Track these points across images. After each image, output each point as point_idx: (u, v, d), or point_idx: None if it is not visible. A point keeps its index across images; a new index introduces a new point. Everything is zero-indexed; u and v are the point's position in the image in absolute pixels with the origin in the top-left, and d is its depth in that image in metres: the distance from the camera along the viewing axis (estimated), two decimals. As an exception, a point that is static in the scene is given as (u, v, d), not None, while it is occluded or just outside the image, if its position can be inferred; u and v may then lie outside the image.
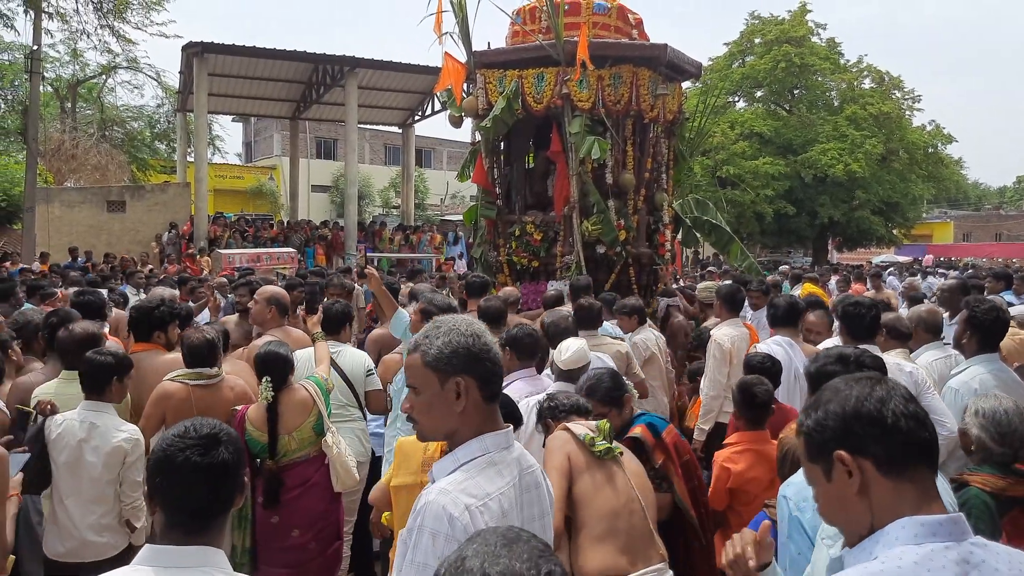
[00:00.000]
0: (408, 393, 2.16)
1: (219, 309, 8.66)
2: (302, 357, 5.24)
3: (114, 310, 7.49)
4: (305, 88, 27.87)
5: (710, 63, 36.00)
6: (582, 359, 4.58)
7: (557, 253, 9.35)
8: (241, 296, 7.04)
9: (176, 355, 4.88)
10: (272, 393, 4.31)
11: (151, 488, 2.00)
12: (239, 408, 4.41)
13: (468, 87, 10.97)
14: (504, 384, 4.70)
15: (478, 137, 10.01)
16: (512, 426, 2.21)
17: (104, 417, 3.97)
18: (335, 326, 5.51)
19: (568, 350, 4.60)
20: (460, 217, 25.09)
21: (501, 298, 6.52)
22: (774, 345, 5.61)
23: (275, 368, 4.35)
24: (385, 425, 5.33)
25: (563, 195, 9.29)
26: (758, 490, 4.22)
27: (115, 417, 4.02)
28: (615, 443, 3.49)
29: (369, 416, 5.54)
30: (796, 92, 35.66)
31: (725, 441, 4.52)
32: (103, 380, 4.00)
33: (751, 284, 8.48)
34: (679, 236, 12.24)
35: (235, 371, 5.00)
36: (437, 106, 28.44)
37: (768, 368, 4.83)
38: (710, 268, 17.95)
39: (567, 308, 6.64)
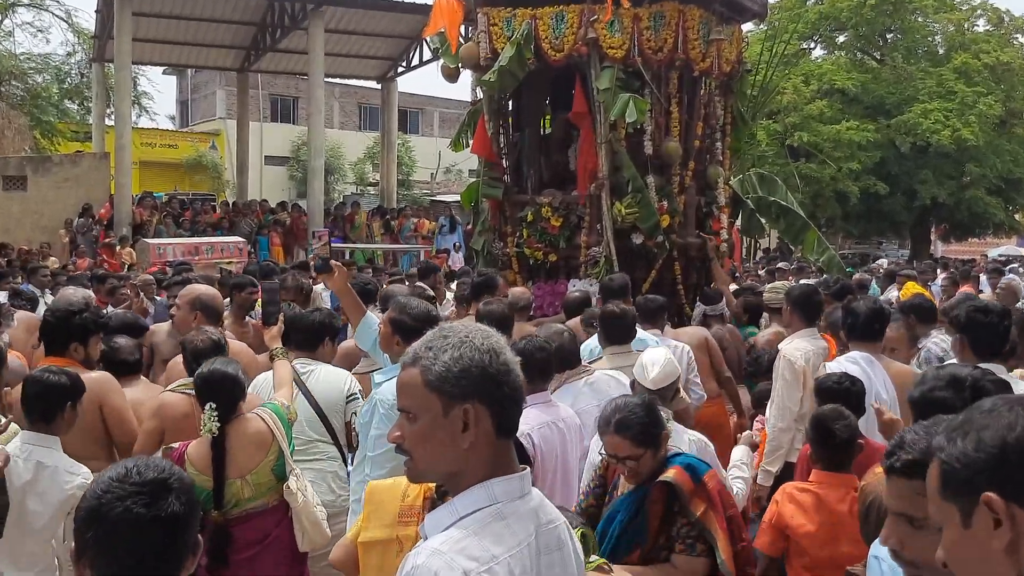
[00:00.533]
0: (399, 419, 2.15)
1: (146, 315, 8.69)
2: (260, 383, 5.26)
3: (15, 315, 7.52)
4: (257, 32, 28.02)
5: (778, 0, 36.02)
6: (672, 373, 4.79)
7: (581, 244, 9.36)
8: (175, 298, 7.06)
9: (101, 375, 4.88)
10: (217, 425, 4.28)
11: (79, 546, 1.96)
12: (176, 445, 4.40)
13: (467, 30, 10.98)
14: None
15: (479, 95, 10.00)
16: (528, 468, 2.20)
17: (54, 455, 3.99)
18: (311, 341, 5.51)
19: (655, 364, 4.74)
20: (456, 198, 25.16)
21: (506, 301, 6.53)
22: (849, 363, 5.62)
23: (221, 392, 4.32)
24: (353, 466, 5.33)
25: (589, 169, 9.31)
26: (812, 546, 4.24)
27: (65, 455, 4.03)
28: (601, 559, 3.46)
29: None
30: (889, 36, 35.63)
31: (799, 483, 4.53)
32: (54, 406, 4.03)
33: (827, 283, 8.50)
34: (738, 222, 12.26)
35: (151, 397, 5.02)
36: (427, 55, 28.53)
37: (847, 392, 4.83)
38: (780, 264, 17.93)
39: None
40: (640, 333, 6.51)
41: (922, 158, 32.44)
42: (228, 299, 7.55)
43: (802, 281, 9.54)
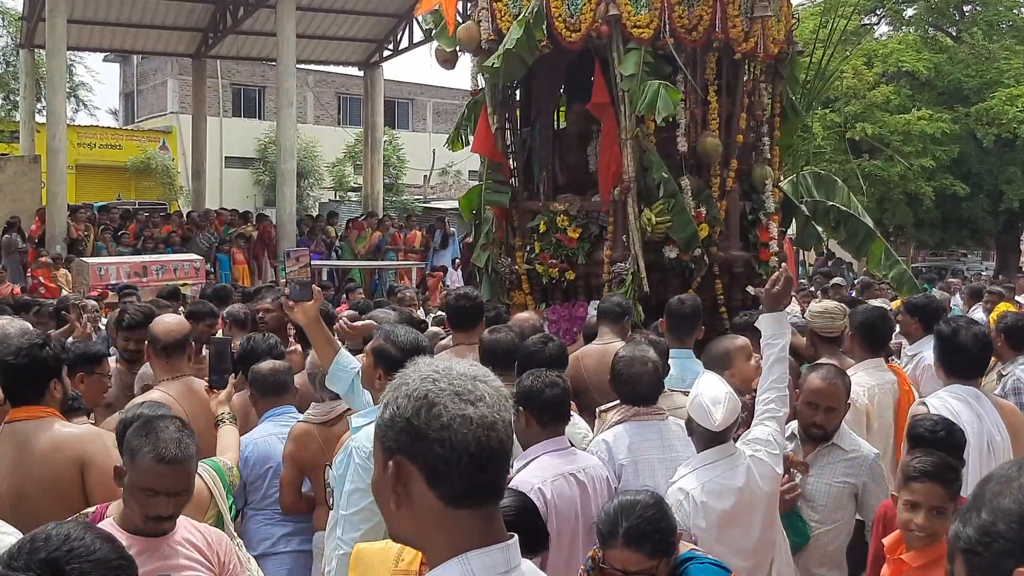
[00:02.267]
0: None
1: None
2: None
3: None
4: (216, 10, 28.20)
5: (835, -34, 36.07)
6: (737, 407, 4.83)
7: (604, 259, 9.35)
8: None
9: (89, 430, 4.83)
10: None
11: None
12: (93, 509, 4.38)
13: (465, 7, 11.02)
14: (523, 463, 4.80)
15: (481, 83, 10.02)
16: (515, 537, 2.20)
17: None
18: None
19: (718, 403, 4.76)
20: (454, 204, 25.17)
21: (515, 329, 6.54)
22: (955, 401, 5.58)
23: None
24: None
25: (612, 171, 9.31)
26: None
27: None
28: None
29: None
30: (967, 9, 35.67)
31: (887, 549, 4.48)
32: None
33: (910, 302, 8.49)
34: (791, 231, 12.24)
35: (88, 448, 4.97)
36: (418, 35, 28.66)
37: (943, 442, 4.76)
38: (836, 280, 17.95)
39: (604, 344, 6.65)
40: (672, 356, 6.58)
41: (1008, 153, 32.42)
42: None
43: (867, 304, 9.51)
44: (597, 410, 5.90)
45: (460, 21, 10.13)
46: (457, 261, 24.52)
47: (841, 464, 5.34)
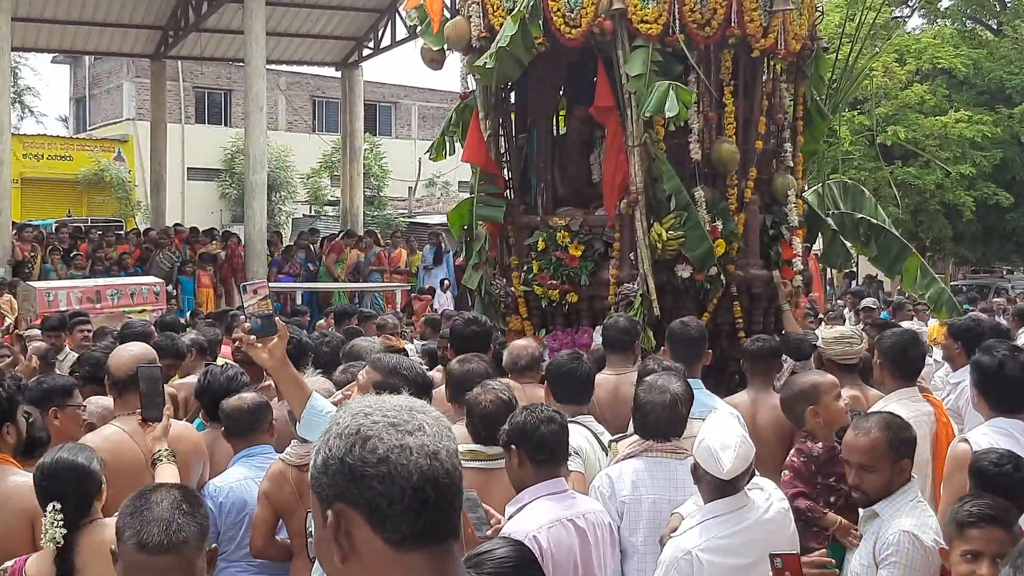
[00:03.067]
0: None
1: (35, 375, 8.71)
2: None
3: None
4: (177, 6, 28.22)
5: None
6: (749, 454, 4.80)
7: (609, 280, 9.36)
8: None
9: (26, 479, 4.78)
10: (63, 532, 4.24)
11: None
12: (11, 563, 4.35)
13: (454, 1, 11.05)
14: (516, 507, 4.80)
15: (472, 85, 10.04)
16: None
17: None
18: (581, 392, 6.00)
19: (727, 448, 4.73)
20: (442, 219, 25.20)
21: (486, 360, 6.51)
22: (997, 436, 5.57)
23: (67, 488, 4.32)
24: None
25: (617, 181, 9.32)
26: None
27: None
28: None
29: None
30: (1008, 1, 35.77)
31: None
32: None
33: (954, 325, 8.49)
34: (816, 247, 12.24)
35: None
36: (401, 32, 28.72)
37: (1011, 476, 4.77)
38: (867, 301, 17.95)
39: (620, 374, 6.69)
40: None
41: (1058, 158, 32.52)
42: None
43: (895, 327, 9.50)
44: (607, 440, 5.95)
45: (448, 16, 10.15)
46: (447, 282, 24.52)
47: (873, 538, 4.94)
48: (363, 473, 2.09)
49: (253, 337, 4.95)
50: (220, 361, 8.47)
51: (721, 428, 4.85)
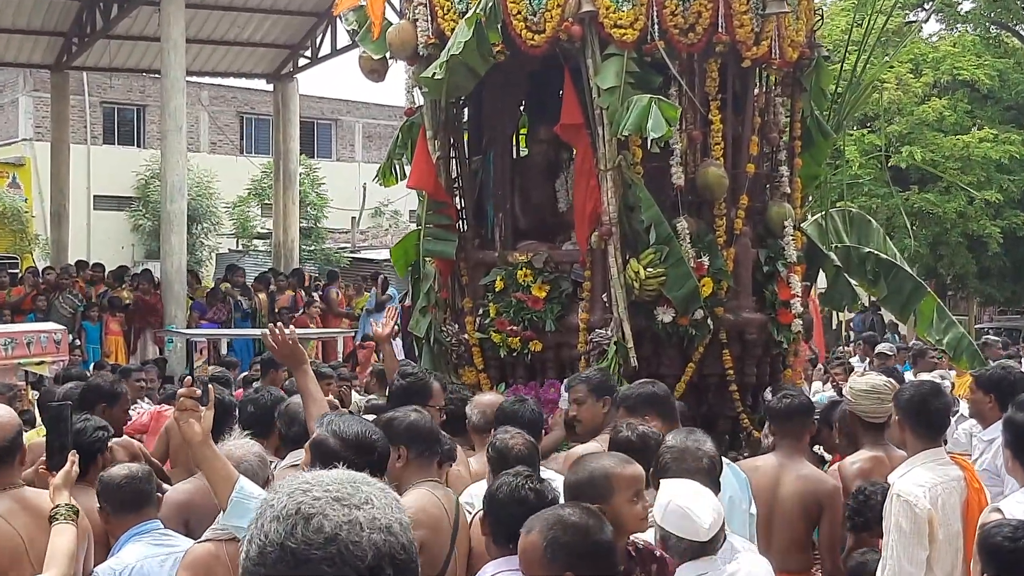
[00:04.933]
0: None
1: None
2: None
3: None
4: (82, 9, 28.11)
5: (871, -52, 36.47)
6: (721, 510, 4.97)
7: (579, 325, 9.35)
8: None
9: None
10: None
11: None
12: None
13: (399, 4, 11.03)
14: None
15: (419, 100, 10.02)
16: None
17: None
18: None
19: (704, 511, 4.84)
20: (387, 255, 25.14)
21: (434, 408, 6.58)
22: (1021, 511, 5.53)
23: None
24: None
25: (588, 211, 9.32)
26: None
27: None
28: None
29: None
30: (1038, 2, 36.14)
31: None
32: None
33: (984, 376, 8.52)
34: (817, 287, 12.25)
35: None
36: (343, 39, 28.72)
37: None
38: (882, 347, 17.98)
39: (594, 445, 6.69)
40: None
41: (1095, 184, 32.76)
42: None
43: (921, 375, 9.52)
44: None
45: (390, 21, 10.13)
46: (396, 327, 24.44)
47: None
48: (309, 557, 2.07)
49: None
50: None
51: (682, 486, 4.95)
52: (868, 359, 17.77)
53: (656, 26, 9.16)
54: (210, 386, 5.16)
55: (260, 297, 25.34)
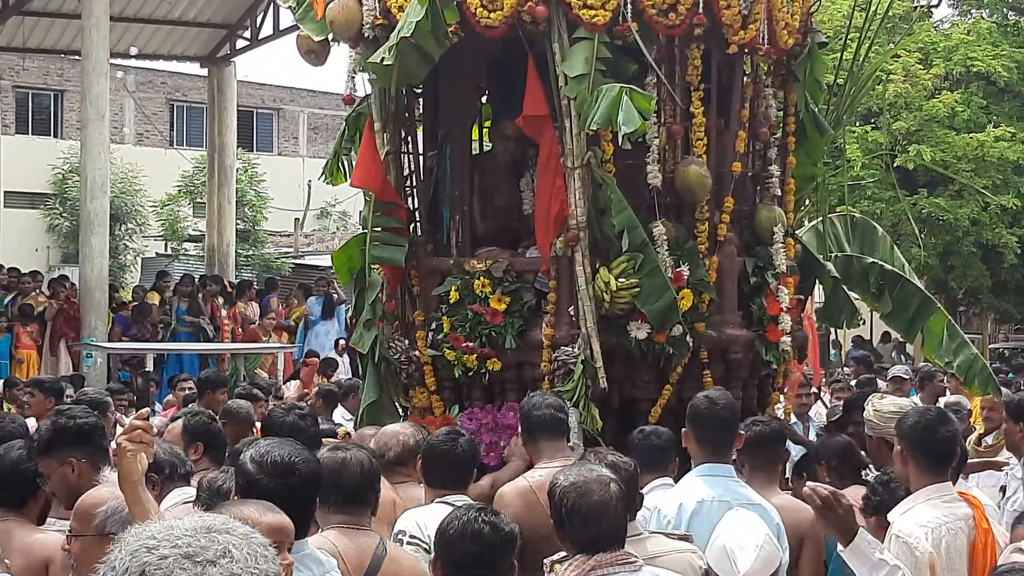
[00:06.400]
0: None
1: None
2: None
3: None
4: (-7, -18, 28.05)
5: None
6: (774, 559, 5.13)
7: (543, 341, 9.32)
8: None
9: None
10: None
11: None
12: None
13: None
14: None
15: (364, 88, 9.98)
16: None
17: None
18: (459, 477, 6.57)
19: (745, 549, 5.02)
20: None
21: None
22: None
23: None
24: None
25: (553, 214, 9.29)
26: None
27: None
28: None
29: None
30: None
31: None
32: None
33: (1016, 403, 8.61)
34: (813, 300, 12.24)
35: None
36: (287, 20, 28.68)
37: None
38: (897, 370, 17.97)
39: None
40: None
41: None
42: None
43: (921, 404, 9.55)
44: (545, 562, 5.92)
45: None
46: (343, 343, 24.38)
47: None
48: None
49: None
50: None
51: (740, 527, 5.14)
52: (860, 382, 17.71)
53: (630, 6, 9.11)
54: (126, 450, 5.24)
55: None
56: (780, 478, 7.96)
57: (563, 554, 5.71)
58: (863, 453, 8.59)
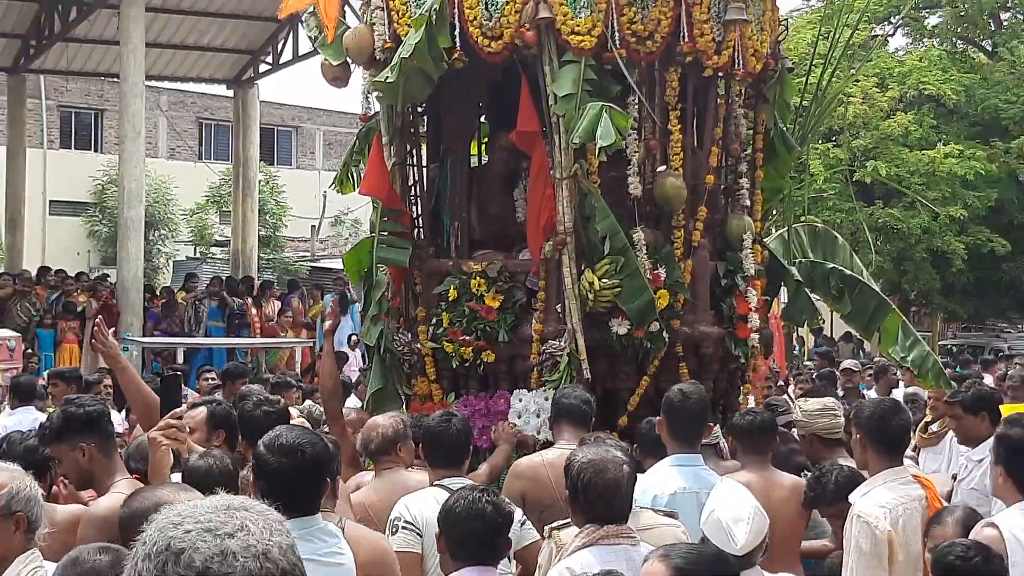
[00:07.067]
0: None
1: None
2: None
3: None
4: (40, 12, 27.96)
5: (838, -38, 36.61)
6: (763, 528, 5.16)
7: (532, 335, 9.30)
8: None
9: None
10: None
11: None
12: None
13: (357, 10, 10.98)
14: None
15: (376, 106, 9.96)
16: None
17: None
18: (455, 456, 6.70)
19: (740, 521, 5.05)
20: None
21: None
22: (1021, 529, 5.74)
23: None
24: None
25: (543, 220, 9.28)
26: None
27: None
28: None
29: None
30: (1005, 18, 36.37)
31: None
32: None
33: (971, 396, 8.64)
34: (779, 301, 12.23)
35: None
36: (305, 46, 28.63)
37: (980, 570, 4.92)
38: (847, 363, 17.96)
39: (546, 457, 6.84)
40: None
41: (1061, 200, 32.93)
42: None
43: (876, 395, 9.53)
44: (547, 528, 6.02)
45: (346, 24, 10.09)
46: (355, 337, 24.33)
47: None
48: None
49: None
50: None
51: (732, 499, 5.15)
52: (822, 375, 17.66)
53: (615, 33, 9.11)
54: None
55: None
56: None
57: (563, 521, 5.85)
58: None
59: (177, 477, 5.93)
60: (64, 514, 6.24)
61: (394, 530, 6.15)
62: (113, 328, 22.56)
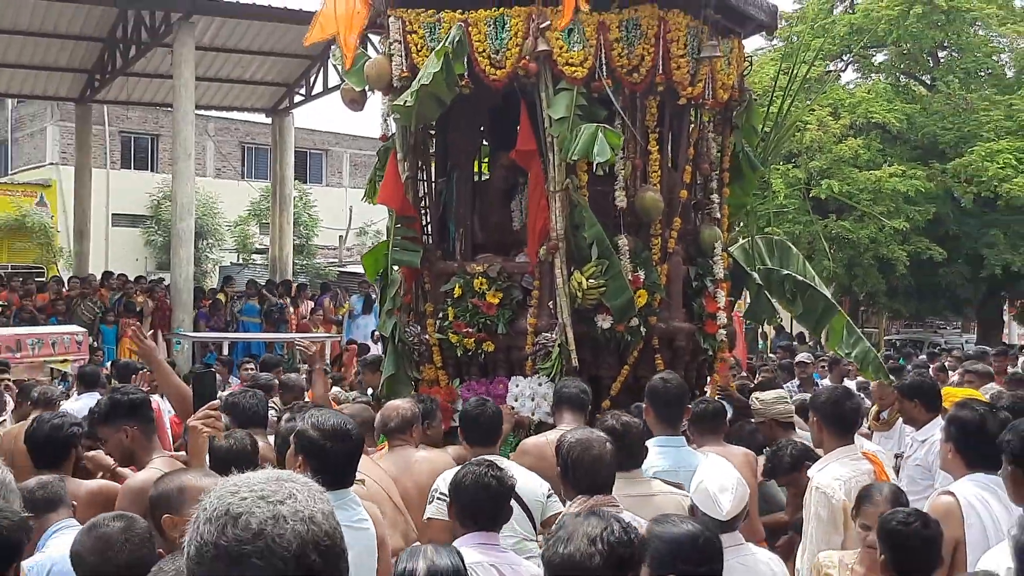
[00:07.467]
0: None
1: None
2: None
3: None
4: (104, 49, 27.97)
5: (797, 7, 36.53)
6: (745, 495, 5.21)
7: (527, 328, 9.30)
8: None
9: None
10: None
11: None
12: None
13: (377, 43, 10.95)
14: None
15: (392, 128, 9.94)
16: None
17: None
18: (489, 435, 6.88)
19: (725, 490, 5.10)
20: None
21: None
22: (982, 491, 5.72)
23: None
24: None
25: (539, 227, 9.27)
26: None
27: None
28: None
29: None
30: (942, 55, 36.34)
31: None
32: None
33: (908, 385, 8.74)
34: (742, 302, 12.21)
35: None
36: (334, 79, 28.62)
37: (918, 536, 4.90)
38: (802, 356, 17.88)
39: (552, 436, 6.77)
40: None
41: (989, 214, 32.89)
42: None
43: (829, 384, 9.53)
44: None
45: (365, 54, 10.08)
46: (377, 334, 24.35)
47: None
48: (240, 552, 2.14)
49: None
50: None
51: (717, 471, 5.19)
52: (783, 365, 17.61)
53: (604, 66, 9.19)
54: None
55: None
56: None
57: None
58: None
59: None
60: (88, 488, 6.39)
61: (431, 500, 6.16)
62: (165, 327, 22.90)
